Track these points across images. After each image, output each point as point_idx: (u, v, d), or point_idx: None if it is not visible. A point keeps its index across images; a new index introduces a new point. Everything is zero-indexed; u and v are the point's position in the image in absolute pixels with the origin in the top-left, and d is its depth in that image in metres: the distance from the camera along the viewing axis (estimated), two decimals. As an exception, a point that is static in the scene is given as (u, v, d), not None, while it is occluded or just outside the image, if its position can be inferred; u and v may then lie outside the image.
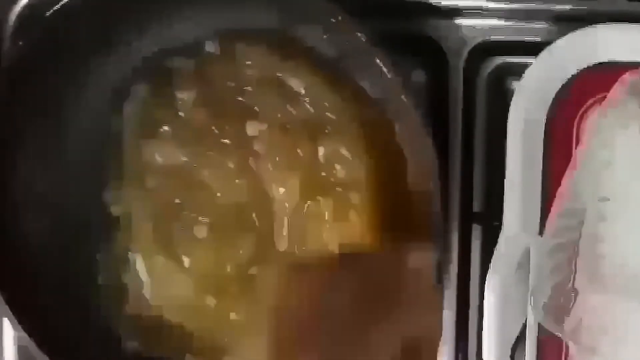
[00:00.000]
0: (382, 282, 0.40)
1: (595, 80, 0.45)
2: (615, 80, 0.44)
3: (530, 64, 0.45)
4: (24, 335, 0.44)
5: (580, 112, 0.46)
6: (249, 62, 0.46)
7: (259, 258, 0.46)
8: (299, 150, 0.45)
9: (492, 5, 0.49)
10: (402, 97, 0.43)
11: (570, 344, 0.45)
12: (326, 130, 0.46)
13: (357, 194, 0.45)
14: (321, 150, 0.46)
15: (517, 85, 0.46)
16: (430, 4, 0.49)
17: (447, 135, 0.49)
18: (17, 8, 0.51)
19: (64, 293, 0.46)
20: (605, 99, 0.44)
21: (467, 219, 0.49)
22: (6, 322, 0.49)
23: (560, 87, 0.46)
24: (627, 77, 0.44)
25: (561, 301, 0.44)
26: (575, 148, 0.45)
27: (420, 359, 0.39)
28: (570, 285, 0.44)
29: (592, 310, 0.44)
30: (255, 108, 0.46)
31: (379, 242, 0.45)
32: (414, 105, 0.43)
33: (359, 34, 0.44)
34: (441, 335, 0.43)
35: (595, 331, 0.44)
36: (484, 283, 0.46)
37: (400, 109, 0.44)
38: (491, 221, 0.48)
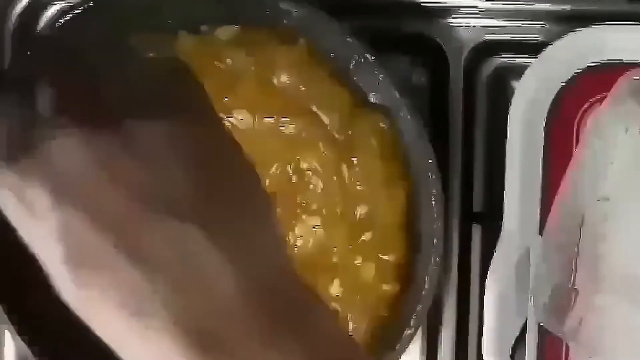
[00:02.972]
0: None
1: (595, 80, 0.45)
2: (615, 80, 0.44)
3: (530, 64, 0.45)
4: (24, 345, 0.44)
5: (580, 112, 0.46)
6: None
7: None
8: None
9: (492, 5, 0.49)
10: (409, 117, 0.44)
11: (571, 344, 0.45)
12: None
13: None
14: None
15: (517, 85, 0.46)
16: (431, 4, 0.49)
17: (447, 135, 0.49)
18: (17, 8, 0.51)
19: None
20: (605, 99, 0.44)
21: (467, 219, 0.49)
22: (7, 333, 0.49)
23: (560, 87, 0.46)
24: (627, 77, 0.44)
25: (561, 301, 0.44)
26: (575, 148, 0.45)
27: None
28: (570, 285, 0.44)
29: (592, 310, 0.44)
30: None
31: None
32: (421, 125, 0.44)
33: (368, 55, 0.44)
34: None
35: (595, 331, 0.44)
36: (484, 283, 0.46)
37: (405, 126, 0.45)
38: (491, 221, 0.48)
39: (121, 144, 0.31)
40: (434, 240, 0.45)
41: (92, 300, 0.31)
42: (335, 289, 0.46)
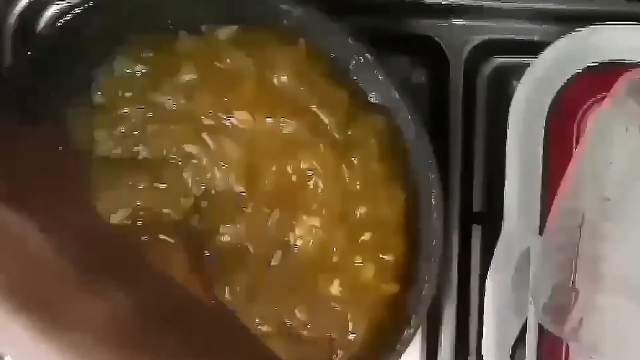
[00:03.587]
0: None
1: (595, 80, 0.45)
2: (615, 80, 0.44)
3: (530, 64, 0.45)
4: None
5: (580, 112, 0.46)
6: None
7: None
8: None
9: (492, 5, 0.49)
10: (409, 117, 0.44)
11: (571, 344, 0.45)
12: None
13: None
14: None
15: (517, 85, 0.46)
16: (431, 4, 0.49)
17: (447, 135, 0.49)
18: (17, 8, 0.51)
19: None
20: (605, 99, 0.44)
21: (467, 219, 0.50)
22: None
23: (560, 87, 0.46)
24: (627, 77, 0.44)
25: (561, 301, 0.44)
26: (575, 148, 0.45)
27: None
28: (570, 285, 0.44)
29: (592, 310, 0.44)
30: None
31: None
32: (421, 125, 0.44)
33: (368, 55, 0.44)
34: None
35: (595, 331, 0.44)
36: (484, 283, 0.46)
37: (405, 126, 0.45)
38: (491, 221, 0.48)
39: None
40: (434, 240, 0.45)
41: None
42: (335, 289, 0.46)
